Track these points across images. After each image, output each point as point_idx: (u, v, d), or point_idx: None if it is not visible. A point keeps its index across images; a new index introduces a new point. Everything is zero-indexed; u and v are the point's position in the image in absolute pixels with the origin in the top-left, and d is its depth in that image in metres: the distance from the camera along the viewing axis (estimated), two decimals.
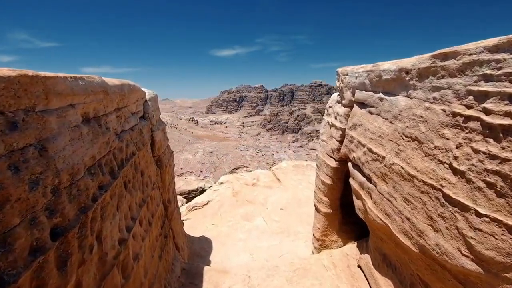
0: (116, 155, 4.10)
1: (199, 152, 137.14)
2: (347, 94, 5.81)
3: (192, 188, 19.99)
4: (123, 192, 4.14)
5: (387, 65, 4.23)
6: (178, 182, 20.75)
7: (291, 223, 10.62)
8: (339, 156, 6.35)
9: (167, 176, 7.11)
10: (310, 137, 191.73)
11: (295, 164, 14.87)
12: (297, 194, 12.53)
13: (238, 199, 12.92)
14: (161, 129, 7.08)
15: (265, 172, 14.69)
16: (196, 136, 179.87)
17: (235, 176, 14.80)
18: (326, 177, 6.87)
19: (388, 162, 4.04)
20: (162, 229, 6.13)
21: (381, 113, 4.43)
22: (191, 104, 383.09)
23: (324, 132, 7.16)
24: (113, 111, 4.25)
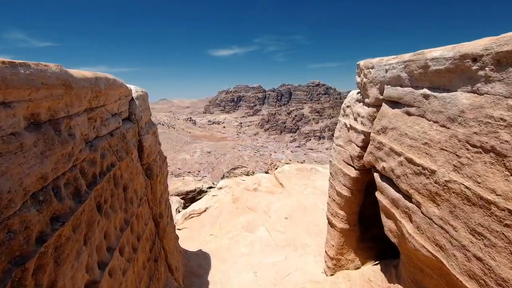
0: (85, 170, 3.12)
1: (197, 152, 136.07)
2: (373, 91, 4.85)
3: (190, 189, 19.00)
4: (96, 218, 3.16)
5: (437, 52, 3.28)
6: (176, 182, 19.73)
7: (298, 234, 9.66)
8: (360, 164, 5.39)
9: (158, 187, 6.12)
10: (308, 137, 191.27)
11: (299, 167, 13.90)
12: (302, 201, 11.57)
13: (239, 206, 11.93)
14: (152, 132, 6.09)
15: (267, 176, 13.68)
16: (194, 136, 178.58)
17: (235, 180, 13.76)
18: (343, 188, 5.91)
19: (442, 179, 3.09)
20: (151, 252, 5.15)
21: (426, 114, 3.48)
22: (189, 104, 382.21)
23: (340, 136, 6.20)
24: (83, 112, 3.26)
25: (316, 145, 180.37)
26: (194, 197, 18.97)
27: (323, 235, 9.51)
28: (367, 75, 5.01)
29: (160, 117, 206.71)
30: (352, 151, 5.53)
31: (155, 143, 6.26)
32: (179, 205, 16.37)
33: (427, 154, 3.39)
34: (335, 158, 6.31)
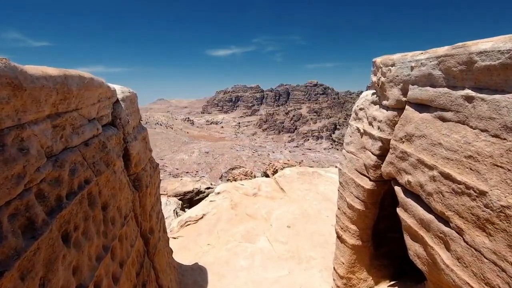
0: (45, 193, 2.45)
1: (194, 152, 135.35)
2: (393, 92, 4.21)
3: (188, 190, 18.34)
4: (59, 252, 2.49)
5: (486, 44, 2.65)
6: (174, 183, 19.03)
7: (301, 245, 9.01)
8: (376, 174, 4.75)
9: (148, 199, 5.45)
10: (306, 137, 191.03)
11: (300, 171, 13.25)
12: (304, 207, 10.93)
13: (238, 213, 11.26)
14: (141, 137, 5.41)
15: (267, 181, 12.99)
16: (192, 136, 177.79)
17: (234, 185, 13.07)
18: (356, 200, 5.27)
19: (496, 203, 2.46)
20: (138, 277, 4.48)
21: (469, 120, 2.85)
22: (187, 104, 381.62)
23: (351, 142, 5.55)
24: (44, 119, 2.59)
25: (314, 145, 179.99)
26: (192, 198, 18.30)
27: (328, 246, 8.88)
28: (385, 73, 4.37)
29: (158, 117, 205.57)
30: (367, 159, 4.89)
31: (144, 150, 5.59)
32: (177, 206, 15.74)
33: (472, 170, 2.76)
34: (345, 167, 5.66)
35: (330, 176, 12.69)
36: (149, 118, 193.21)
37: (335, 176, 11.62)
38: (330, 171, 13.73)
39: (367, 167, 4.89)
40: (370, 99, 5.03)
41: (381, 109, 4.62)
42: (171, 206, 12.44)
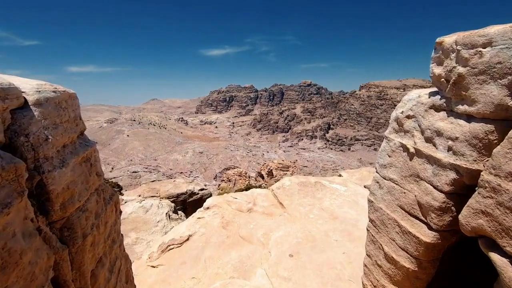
0: None
1: (188, 152, 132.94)
2: (489, 90, 2.46)
3: (181, 191, 16.86)
4: None
5: None
6: (166, 185, 17.46)
7: (309, 282, 7.24)
8: (443, 222, 3.00)
9: (89, 254, 3.59)
10: (300, 136, 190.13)
11: (301, 181, 11.43)
12: (308, 228, 9.14)
13: (230, 234, 9.42)
14: (78, 161, 3.54)
15: (264, 193, 11.09)
16: (186, 137, 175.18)
17: (225, 198, 11.11)
18: (402, 253, 3.50)
19: None
20: None
21: None
22: (181, 104, 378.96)
23: (391, 165, 3.78)
24: None
25: (308, 145, 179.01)
26: (186, 200, 16.74)
27: (342, 284, 7.13)
28: (469, 60, 2.60)
29: (151, 117, 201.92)
30: (425, 196, 3.13)
31: (85, 179, 3.70)
32: (170, 209, 13.81)
33: None
34: (381, 199, 3.89)
35: (335, 187, 10.73)
36: (143, 119, 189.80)
37: (341, 188, 9.81)
38: (334, 181, 11.78)
39: (426, 208, 3.13)
40: (427, 102, 3.26)
41: (453, 119, 2.85)
42: (164, 209, 10.26)
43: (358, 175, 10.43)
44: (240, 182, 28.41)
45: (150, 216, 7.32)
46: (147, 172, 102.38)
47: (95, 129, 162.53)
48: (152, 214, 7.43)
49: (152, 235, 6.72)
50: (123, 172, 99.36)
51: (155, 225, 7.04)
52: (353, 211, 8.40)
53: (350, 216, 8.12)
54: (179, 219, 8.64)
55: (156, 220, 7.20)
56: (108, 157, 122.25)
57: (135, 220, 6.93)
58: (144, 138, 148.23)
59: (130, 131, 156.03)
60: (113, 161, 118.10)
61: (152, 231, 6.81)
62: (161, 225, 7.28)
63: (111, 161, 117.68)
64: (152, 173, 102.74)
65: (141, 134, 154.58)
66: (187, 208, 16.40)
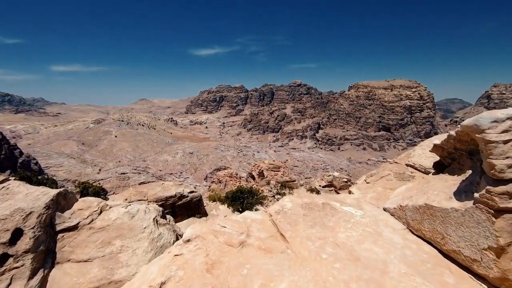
0: None
1: (178, 153, 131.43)
2: None
3: (170, 194, 16.33)
4: None
5: None
6: (154, 187, 16.84)
7: None
8: None
9: None
10: (290, 136, 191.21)
11: (305, 202, 7.48)
12: (323, 277, 4.62)
13: (216, 283, 6.47)
14: None
15: (260, 219, 6.99)
16: (176, 137, 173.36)
17: (211, 227, 6.22)
18: None
19: None
20: None
21: None
22: (170, 104, 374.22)
23: None
24: None
25: (299, 145, 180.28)
26: (175, 203, 16.25)
27: None
28: None
29: (140, 117, 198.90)
30: None
31: None
32: (157, 214, 13.28)
33: None
34: None
35: (348, 211, 7.06)
36: (131, 119, 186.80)
37: (355, 212, 7.00)
38: (346, 201, 7.85)
39: None
40: None
41: None
42: (151, 214, 9.57)
43: (372, 192, 8.65)
44: (231, 183, 28.17)
45: (136, 222, 7.03)
46: (136, 174, 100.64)
47: (82, 130, 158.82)
48: (138, 219, 7.14)
49: (139, 242, 6.45)
50: (111, 174, 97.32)
51: (141, 232, 6.77)
52: (378, 248, 5.57)
53: (376, 256, 5.35)
54: (167, 224, 8.37)
55: (142, 226, 6.93)
56: (95, 158, 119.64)
57: (120, 227, 6.63)
58: (133, 139, 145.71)
59: (118, 131, 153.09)
60: (100, 162, 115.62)
61: (138, 237, 6.54)
62: (148, 231, 7.01)
63: (98, 162, 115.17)
64: (141, 175, 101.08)
65: (130, 134, 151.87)
66: (176, 211, 15.99)
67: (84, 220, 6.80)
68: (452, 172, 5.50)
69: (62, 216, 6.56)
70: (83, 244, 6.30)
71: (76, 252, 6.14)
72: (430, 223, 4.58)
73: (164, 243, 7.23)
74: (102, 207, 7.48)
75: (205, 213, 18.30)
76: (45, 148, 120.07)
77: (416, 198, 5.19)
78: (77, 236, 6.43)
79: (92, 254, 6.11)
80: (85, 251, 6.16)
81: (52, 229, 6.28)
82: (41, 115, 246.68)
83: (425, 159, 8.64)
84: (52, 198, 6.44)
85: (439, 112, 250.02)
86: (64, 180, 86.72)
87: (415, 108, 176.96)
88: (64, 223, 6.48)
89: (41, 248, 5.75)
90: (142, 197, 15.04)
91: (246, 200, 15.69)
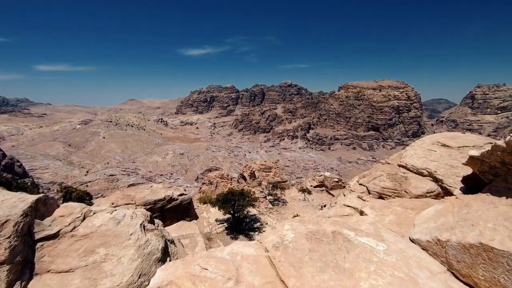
0: None
1: (169, 154, 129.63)
2: None
3: (159, 197, 15.91)
4: None
5: None
6: (143, 191, 16.38)
7: None
8: None
9: None
10: (281, 136, 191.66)
11: (310, 231, 5.71)
12: None
13: None
14: None
15: (253, 257, 5.24)
16: (166, 138, 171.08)
17: (189, 270, 5.05)
18: None
19: None
20: None
21: None
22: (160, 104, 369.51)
23: None
24: None
25: (290, 145, 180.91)
26: (164, 206, 15.81)
27: None
28: None
29: (129, 118, 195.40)
30: None
31: None
32: (145, 219, 12.87)
33: None
34: None
35: (367, 244, 5.26)
36: (120, 120, 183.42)
37: (376, 246, 5.18)
38: (360, 228, 5.94)
39: None
40: None
41: None
42: (138, 220, 9.17)
43: (390, 213, 6.72)
44: (222, 184, 27.84)
45: (122, 228, 6.70)
46: (125, 175, 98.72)
47: (68, 130, 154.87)
48: (124, 225, 6.81)
49: (124, 249, 6.13)
50: (99, 176, 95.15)
51: (127, 238, 6.44)
52: None
53: None
54: (155, 229, 8.04)
55: (129, 232, 6.60)
56: (83, 160, 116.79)
57: (104, 234, 6.29)
58: (122, 140, 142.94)
59: (106, 132, 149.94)
60: (88, 164, 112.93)
61: (124, 245, 6.21)
62: (135, 238, 6.68)
63: (85, 164, 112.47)
64: (131, 176, 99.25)
65: (118, 135, 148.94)
66: (166, 215, 15.58)
67: (65, 227, 6.43)
68: (497, 192, 4.34)
69: (41, 223, 6.17)
70: (64, 253, 5.93)
71: (57, 262, 5.77)
72: (487, 270, 3.31)
73: (152, 250, 6.92)
74: (85, 213, 7.11)
75: (195, 215, 17.95)
76: (30, 150, 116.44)
77: (462, 232, 3.83)
78: (58, 245, 6.06)
79: (74, 264, 5.76)
80: (66, 261, 5.80)
81: (30, 238, 5.90)
82: (25, 116, 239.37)
83: (417, 159, 8.68)
84: (31, 205, 6.05)
85: (425, 112, 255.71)
86: (50, 183, 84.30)
87: (402, 108, 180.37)
88: (43, 231, 6.10)
89: (18, 259, 5.37)
90: (130, 201, 14.59)
91: (238, 202, 15.43)
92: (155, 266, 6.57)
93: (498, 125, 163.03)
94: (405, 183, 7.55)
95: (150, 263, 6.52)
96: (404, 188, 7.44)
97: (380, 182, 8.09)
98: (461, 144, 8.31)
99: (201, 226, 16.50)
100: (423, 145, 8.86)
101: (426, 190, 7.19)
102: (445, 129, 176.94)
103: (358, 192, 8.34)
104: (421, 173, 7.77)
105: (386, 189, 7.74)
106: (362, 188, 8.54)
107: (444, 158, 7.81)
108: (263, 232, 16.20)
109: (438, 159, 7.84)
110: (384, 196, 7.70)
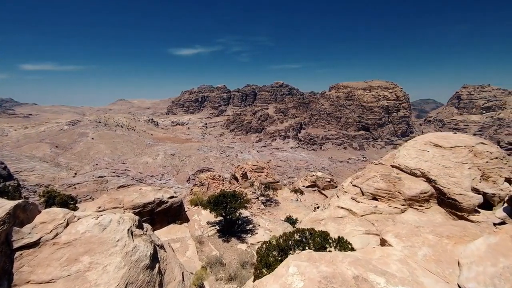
0: None
1: (160, 155, 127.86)
2: None
3: (148, 201, 15.41)
4: None
5: None
6: (131, 194, 15.87)
7: None
8: None
9: None
10: (273, 136, 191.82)
11: (324, 277, 4.08)
12: None
13: None
14: None
15: None
16: (157, 138, 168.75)
17: None
18: None
19: None
20: None
21: None
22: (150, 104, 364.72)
23: None
24: None
25: (282, 145, 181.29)
26: (153, 210, 15.34)
27: None
28: None
29: (119, 118, 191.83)
30: None
31: None
32: (132, 224, 12.52)
33: None
34: None
35: None
36: (109, 120, 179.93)
37: None
38: (389, 270, 4.52)
39: None
40: None
41: None
42: (125, 225, 8.79)
43: (421, 243, 5.46)
44: (213, 186, 27.47)
45: (108, 234, 6.38)
46: (114, 177, 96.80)
47: (55, 131, 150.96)
48: (110, 231, 6.49)
49: (110, 257, 5.83)
50: (88, 177, 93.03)
51: (113, 245, 6.14)
52: None
53: None
54: (144, 235, 7.73)
55: (115, 238, 6.29)
56: (71, 161, 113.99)
57: (89, 241, 5.98)
58: (111, 141, 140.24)
59: (95, 133, 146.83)
60: (76, 165, 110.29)
61: (110, 252, 5.91)
62: (122, 244, 6.37)
63: (74, 165, 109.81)
64: (121, 178, 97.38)
65: (108, 136, 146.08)
66: (155, 218, 15.15)
67: (47, 234, 6.08)
68: None
69: (20, 231, 5.81)
70: (45, 263, 5.60)
71: (37, 272, 5.43)
72: None
73: (140, 257, 6.61)
74: (69, 219, 6.76)
75: (186, 218, 17.58)
76: (15, 151, 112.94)
77: None
78: (39, 254, 5.72)
79: (56, 274, 5.43)
80: (47, 271, 5.47)
81: (8, 247, 5.54)
82: (10, 117, 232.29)
83: (410, 160, 8.66)
84: (8, 212, 5.68)
85: (414, 112, 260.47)
86: (37, 185, 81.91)
87: (392, 108, 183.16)
88: (22, 239, 5.75)
89: None
90: (118, 205, 14.12)
91: (230, 204, 15.16)
92: (143, 274, 6.28)
93: (483, 124, 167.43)
94: (399, 184, 7.47)
95: (138, 270, 6.22)
96: (398, 189, 7.35)
97: (374, 183, 7.99)
98: (453, 144, 8.30)
99: (192, 229, 16.16)
100: (415, 145, 8.81)
101: (420, 191, 7.13)
102: (433, 129, 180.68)
103: (351, 193, 8.23)
104: (415, 174, 7.71)
105: (380, 190, 7.65)
106: (356, 189, 8.43)
107: (437, 159, 7.78)
108: (256, 234, 15.98)
109: (431, 160, 7.80)
110: (378, 197, 7.60)
